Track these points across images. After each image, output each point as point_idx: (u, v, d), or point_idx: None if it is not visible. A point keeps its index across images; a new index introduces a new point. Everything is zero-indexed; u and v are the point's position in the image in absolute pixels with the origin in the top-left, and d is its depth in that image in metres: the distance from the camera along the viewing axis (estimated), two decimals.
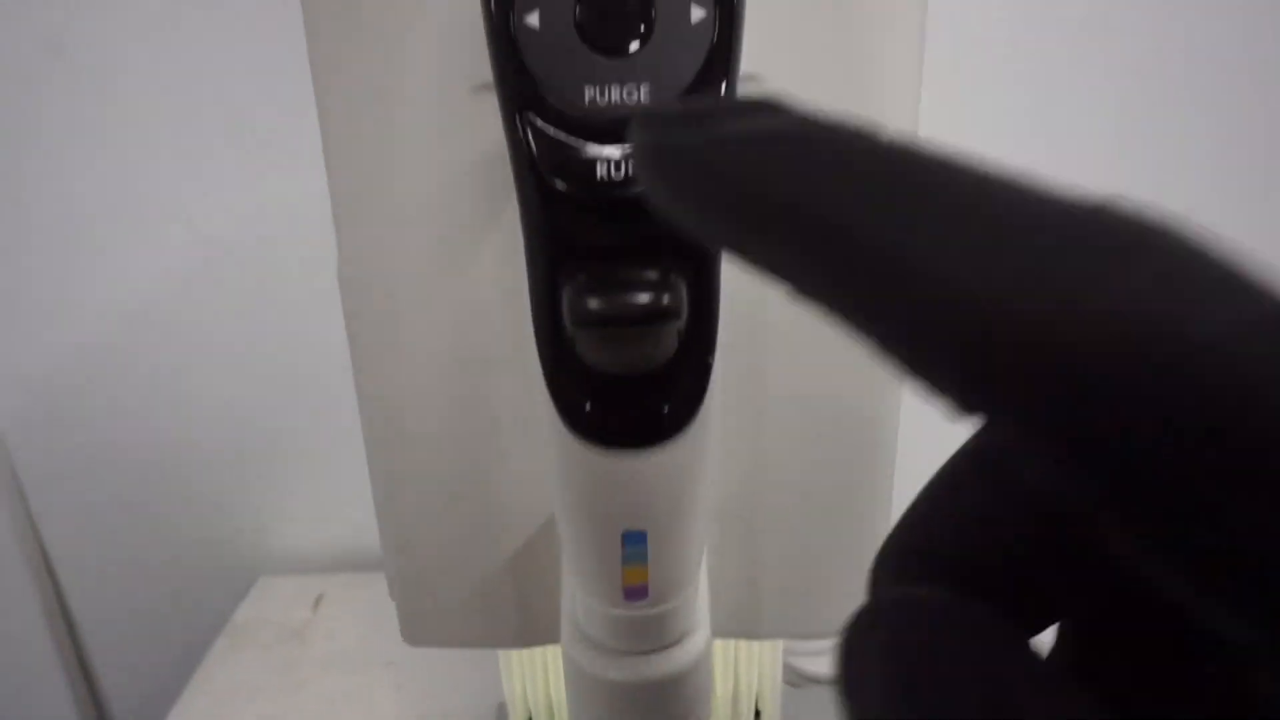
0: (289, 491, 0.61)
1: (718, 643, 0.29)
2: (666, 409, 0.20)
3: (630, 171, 0.18)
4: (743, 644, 0.37)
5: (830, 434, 0.29)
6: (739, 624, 0.30)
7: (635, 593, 0.23)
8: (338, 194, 0.27)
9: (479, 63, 0.24)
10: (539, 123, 0.18)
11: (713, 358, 0.20)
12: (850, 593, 0.31)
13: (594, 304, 0.18)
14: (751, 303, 0.27)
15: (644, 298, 0.18)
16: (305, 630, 0.56)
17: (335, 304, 0.58)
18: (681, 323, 0.18)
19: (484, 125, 0.25)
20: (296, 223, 0.53)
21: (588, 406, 0.20)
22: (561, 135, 0.18)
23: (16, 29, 0.49)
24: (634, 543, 0.22)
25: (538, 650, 0.40)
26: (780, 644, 0.38)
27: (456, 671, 0.52)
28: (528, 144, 0.18)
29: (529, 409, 0.28)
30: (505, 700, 0.42)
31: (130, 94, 0.51)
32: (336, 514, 0.62)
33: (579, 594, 0.24)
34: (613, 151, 0.18)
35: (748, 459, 0.29)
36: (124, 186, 0.53)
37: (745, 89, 0.24)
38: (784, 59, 0.25)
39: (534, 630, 0.32)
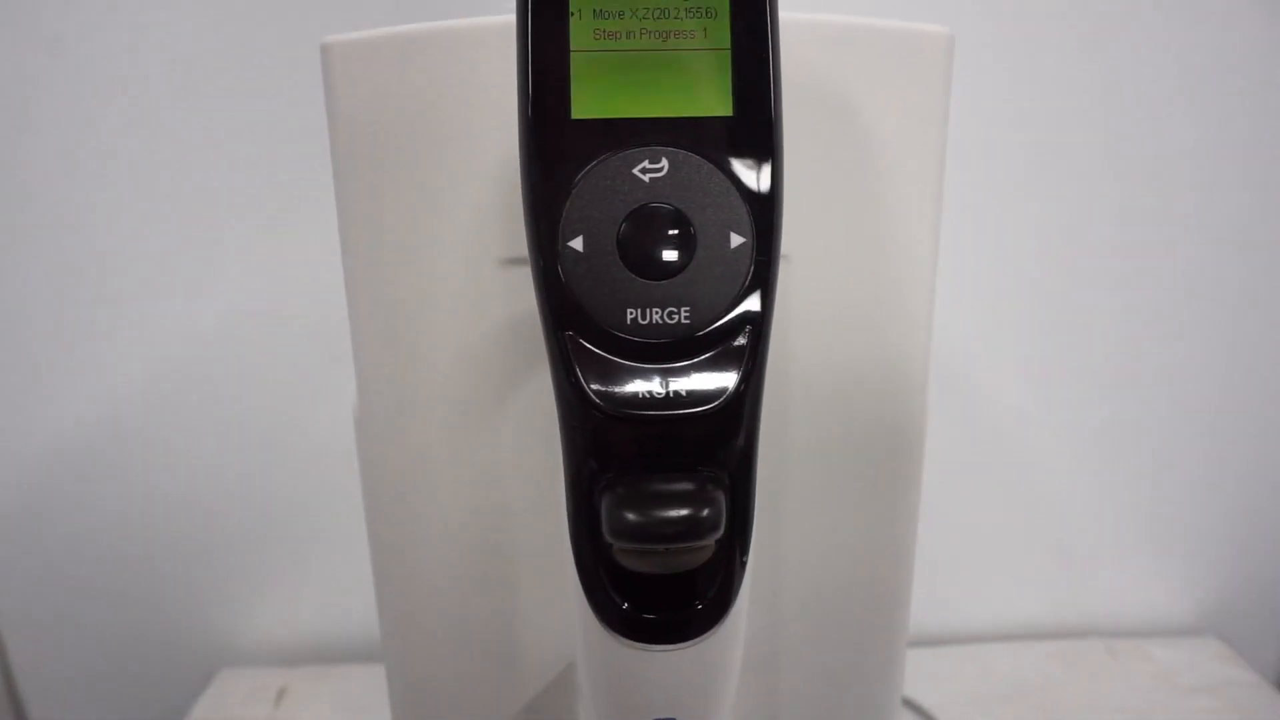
0: (255, 581, 0.60)
1: None
2: (700, 607, 0.20)
3: (670, 392, 0.18)
4: None
5: (848, 583, 0.29)
6: None
7: None
8: (361, 344, 0.27)
9: (507, 236, 0.25)
10: (581, 342, 0.18)
11: (747, 557, 0.20)
12: None
13: (633, 518, 0.18)
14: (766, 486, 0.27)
15: (683, 512, 0.18)
16: None
17: (309, 400, 0.57)
18: (720, 533, 0.19)
19: (510, 296, 0.26)
20: (292, 305, 0.53)
21: (623, 605, 0.20)
22: (603, 355, 0.18)
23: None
24: None
25: None
26: None
27: None
28: (569, 363, 0.18)
29: (544, 561, 0.28)
30: None
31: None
32: (304, 604, 0.61)
33: None
34: (653, 371, 0.18)
35: (765, 641, 0.29)
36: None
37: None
38: (812, 242, 0.25)
39: None
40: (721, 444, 0.19)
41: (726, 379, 0.18)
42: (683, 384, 0.18)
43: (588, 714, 0.25)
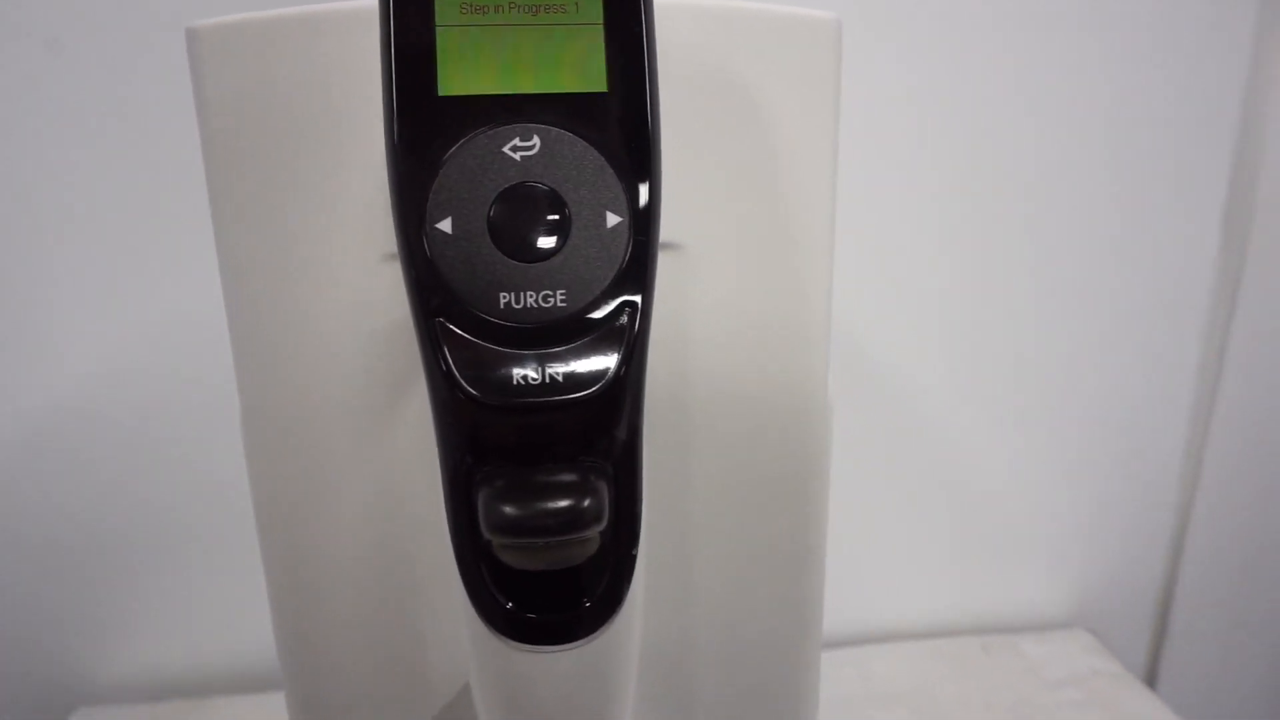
0: (115, 610, 0.57)
1: None
2: (589, 605, 0.19)
3: (548, 377, 0.18)
4: None
5: (757, 591, 0.28)
6: None
7: None
8: (240, 348, 0.26)
9: (391, 229, 0.24)
10: (453, 329, 0.18)
11: (636, 550, 0.20)
12: None
13: (511, 511, 0.18)
14: (672, 466, 0.27)
15: (563, 504, 0.18)
16: None
17: (174, 413, 0.55)
18: (604, 525, 0.18)
19: (396, 292, 0.25)
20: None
21: (508, 605, 0.19)
22: (476, 341, 0.18)
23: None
24: None
25: None
26: None
27: None
28: (441, 351, 0.18)
29: (444, 569, 0.27)
30: None
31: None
32: (171, 634, 0.58)
33: None
34: (529, 357, 0.18)
35: (674, 617, 0.28)
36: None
37: (663, 259, 0.24)
38: (704, 230, 0.25)
39: None
40: (603, 432, 0.18)
41: (606, 363, 0.18)
42: (560, 369, 0.18)
43: None
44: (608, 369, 0.18)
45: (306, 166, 0.24)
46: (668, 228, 0.24)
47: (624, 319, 0.18)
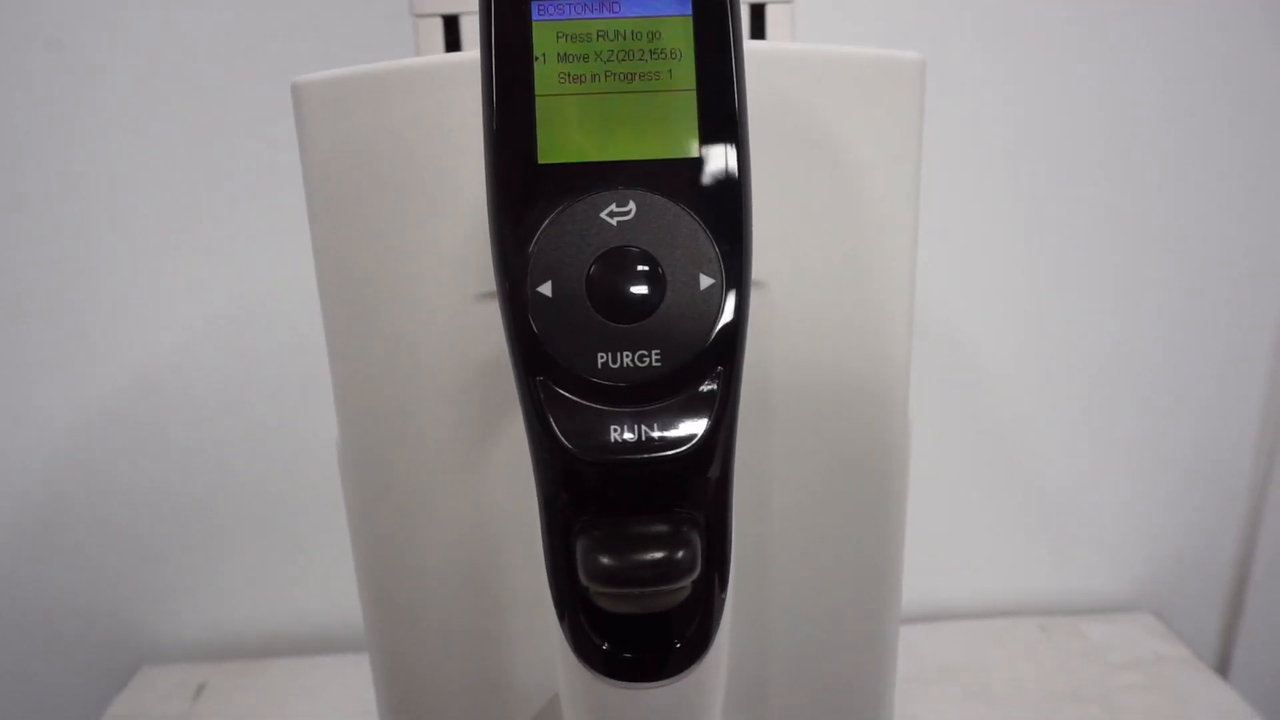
0: (180, 576, 0.60)
1: None
2: (679, 646, 0.20)
3: (643, 435, 0.18)
4: None
5: (835, 607, 0.29)
6: None
7: None
8: (340, 379, 0.27)
9: (484, 270, 0.25)
10: (553, 387, 0.18)
11: (725, 593, 0.20)
12: None
13: (608, 562, 0.18)
14: (756, 498, 0.27)
15: (658, 555, 0.18)
16: None
17: (254, 390, 0.57)
18: (696, 574, 0.19)
19: (489, 330, 0.26)
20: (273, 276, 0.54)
21: (603, 645, 0.20)
22: (575, 399, 0.18)
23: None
24: None
25: None
26: None
27: None
28: (541, 408, 0.18)
29: (531, 591, 0.28)
30: None
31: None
32: (228, 599, 0.61)
33: None
34: (625, 414, 0.18)
35: (755, 636, 0.29)
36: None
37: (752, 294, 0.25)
38: (787, 268, 0.25)
39: None
40: (696, 485, 0.19)
41: (699, 420, 0.18)
42: (655, 427, 0.18)
43: None
44: (700, 428, 0.18)
45: (404, 211, 0.25)
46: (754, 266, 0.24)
47: (716, 378, 0.19)
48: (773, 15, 0.33)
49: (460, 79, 0.23)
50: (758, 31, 0.34)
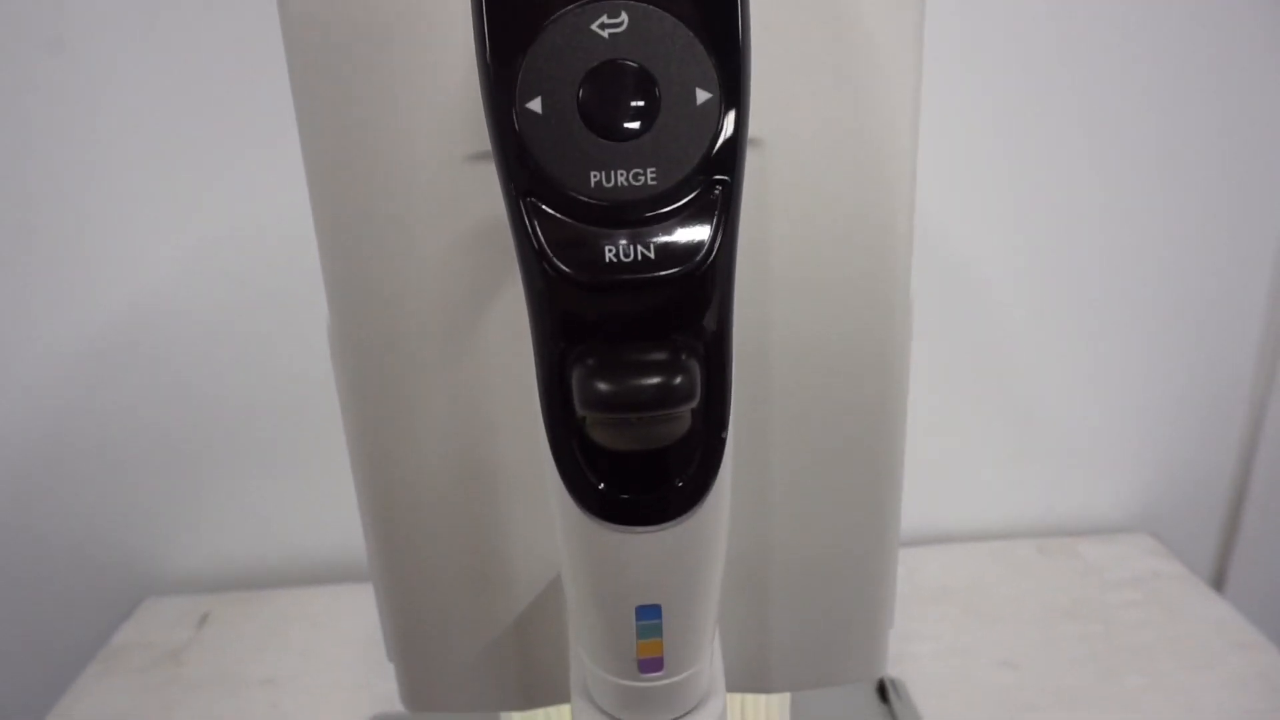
0: (183, 508, 0.60)
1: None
2: (680, 485, 0.20)
3: (639, 253, 0.18)
4: (749, 697, 0.37)
5: (836, 487, 0.29)
6: (749, 679, 0.30)
7: (651, 665, 0.22)
8: (328, 257, 0.27)
9: (473, 132, 0.25)
10: (544, 208, 0.18)
11: (726, 433, 0.20)
12: (859, 644, 0.31)
13: (604, 388, 0.18)
14: (753, 361, 0.27)
15: (655, 380, 0.18)
16: (183, 652, 0.55)
17: (251, 320, 0.57)
18: (695, 402, 0.18)
19: (480, 194, 0.25)
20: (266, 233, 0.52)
21: (600, 486, 0.20)
22: (567, 220, 0.18)
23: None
24: (648, 616, 0.22)
25: (539, 712, 0.40)
26: (788, 696, 0.38)
27: (338, 679, 0.52)
28: (533, 229, 0.18)
29: (529, 471, 0.28)
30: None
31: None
32: (230, 530, 0.61)
33: (591, 665, 0.24)
34: (620, 234, 0.18)
35: (754, 516, 0.28)
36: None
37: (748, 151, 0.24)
38: (784, 124, 0.25)
39: (540, 691, 0.31)
40: (694, 310, 0.18)
41: (698, 240, 0.18)
42: (651, 246, 0.18)
43: (573, 613, 0.24)
44: (699, 245, 0.18)
45: (387, 69, 0.24)
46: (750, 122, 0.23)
47: (715, 196, 0.18)
48: None
49: None
50: None
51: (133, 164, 0.51)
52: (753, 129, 0.24)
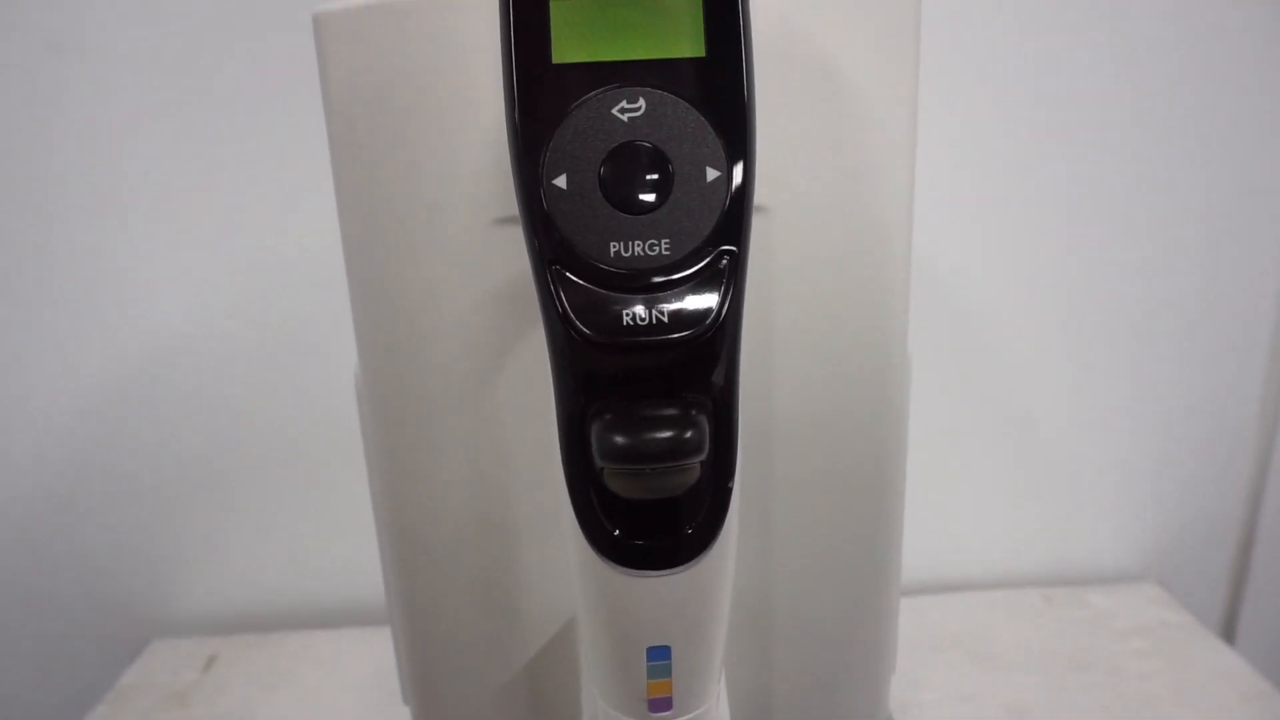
0: (191, 550, 0.60)
1: None
2: (689, 532, 0.21)
3: (654, 318, 0.19)
4: None
5: (837, 537, 0.30)
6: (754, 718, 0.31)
7: (660, 705, 0.23)
8: (360, 310, 0.28)
9: (500, 197, 0.26)
10: (568, 275, 0.19)
11: (733, 483, 0.21)
12: (861, 689, 0.32)
13: (620, 441, 0.19)
14: (760, 419, 0.28)
15: (668, 434, 0.19)
16: (190, 693, 0.55)
17: (246, 374, 0.57)
18: (704, 455, 0.20)
19: (507, 254, 0.27)
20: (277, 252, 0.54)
21: (615, 532, 0.21)
22: (589, 286, 0.19)
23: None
24: (658, 657, 0.23)
25: None
26: None
27: None
28: (557, 295, 0.19)
29: (544, 520, 0.29)
30: None
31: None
32: (239, 573, 0.61)
33: (603, 706, 0.25)
34: (637, 300, 0.19)
35: (758, 563, 0.30)
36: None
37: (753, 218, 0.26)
38: (789, 194, 0.26)
39: None
40: (704, 370, 0.20)
41: (707, 305, 0.19)
42: (665, 311, 0.19)
43: (588, 653, 0.25)
44: (708, 311, 0.19)
45: (423, 138, 0.26)
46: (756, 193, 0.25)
47: (723, 265, 0.19)
48: None
49: (476, 5, 0.24)
50: None
51: (159, 198, 0.53)
52: (759, 197, 0.26)
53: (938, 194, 0.53)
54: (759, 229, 0.27)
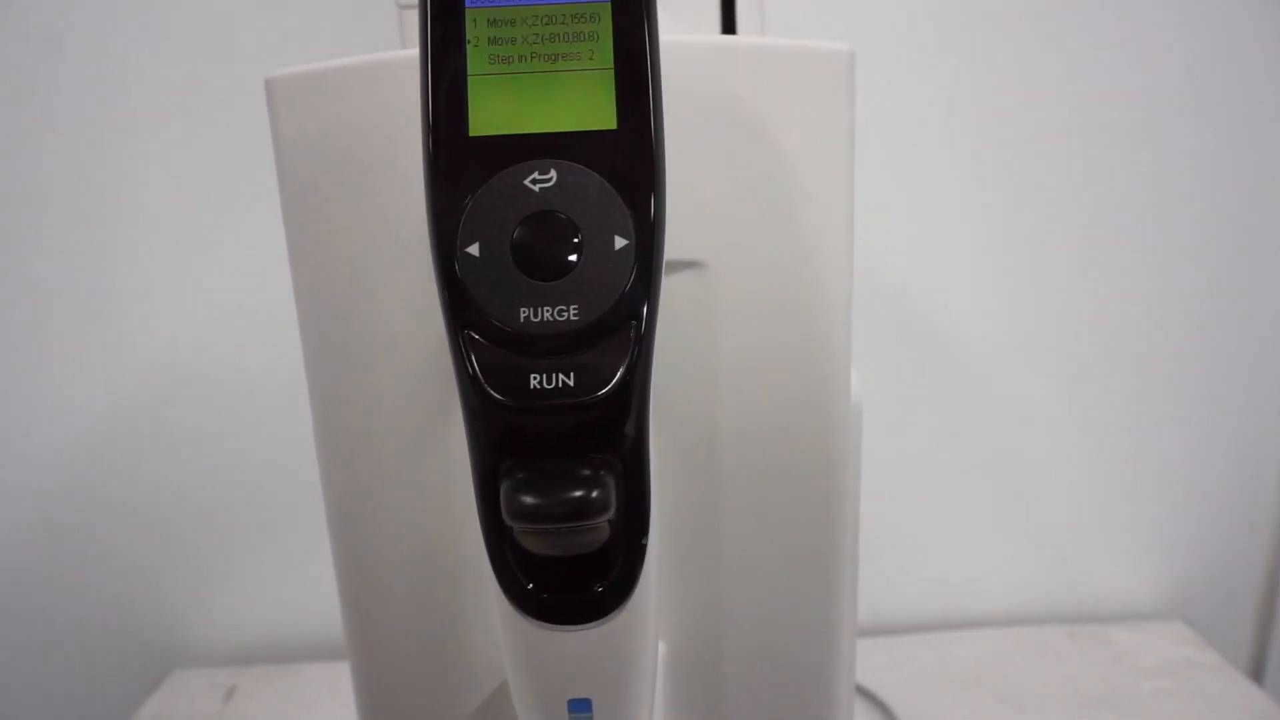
0: (211, 579, 0.61)
1: None
2: (603, 589, 0.21)
3: (560, 381, 0.20)
4: None
5: (782, 583, 0.30)
6: None
7: None
8: (314, 365, 0.29)
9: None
10: (478, 339, 0.20)
11: (646, 539, 0.22)
12: None
13: (527, 500, 0.20)
14: (703, 464, 0.29)
15: (573, 495, 0.20)
16: None
17: (261, 403, 0.58)
18: (611, 514, 0.20)
19: None
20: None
21: (529, 586, 0.21)
22: (498, 350, 0.20)
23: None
24: (580, 709, 0.23)
25: None
26: None
27: None
28: (468, 358, 0.20)
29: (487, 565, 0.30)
30: None
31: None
32: (259, 603, 0.62)
33: None
34: (544, 363, 0.20)
35: (705, 608, 0.30)
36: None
37: (688, 275, 0.27)
38: (724, 247, 0.27)
39: None
40: (611, 431, 0.20)
41: (613, 370, 0.20)
42: (571, 375, 0.20)
43: (516, 705, 0.26)
44: (613, 375, 0.20)
45: (373, 202, 0.27)
46: (692, 246, 0.26)
47: (629, 331, 0.20)
48: (743, 8, 0.35)
49: (417, 72, 0.25)
50: (729, 24, 0.35)
51: (162, 230, 0.54)
52: (695, 252, 0.27)
53: (942, 230, 0.53)
54: (696, 283, 0.27)
